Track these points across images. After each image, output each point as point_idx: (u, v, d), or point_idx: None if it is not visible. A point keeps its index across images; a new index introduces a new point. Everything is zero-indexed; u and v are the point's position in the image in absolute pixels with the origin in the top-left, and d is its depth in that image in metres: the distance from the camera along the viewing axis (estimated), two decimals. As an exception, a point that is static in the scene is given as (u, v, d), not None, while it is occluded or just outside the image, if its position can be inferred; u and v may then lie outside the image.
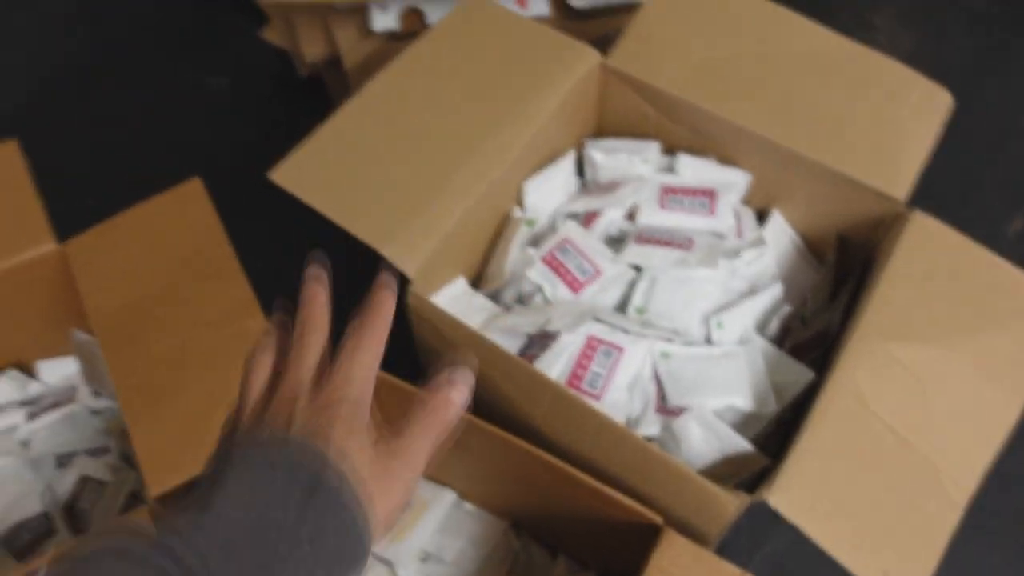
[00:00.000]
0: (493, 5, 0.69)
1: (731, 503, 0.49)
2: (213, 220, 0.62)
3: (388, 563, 0.67)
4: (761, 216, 0.69)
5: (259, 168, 0.58)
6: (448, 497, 0.70)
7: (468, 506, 0.71)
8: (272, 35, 0.98)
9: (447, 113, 0.62)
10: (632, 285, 0.62)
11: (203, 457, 0.53)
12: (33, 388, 0.72)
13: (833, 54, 0.65)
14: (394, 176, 0.60)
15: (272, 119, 0.95)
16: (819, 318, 0.63)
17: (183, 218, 0.63)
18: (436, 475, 0.71)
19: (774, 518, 0.48)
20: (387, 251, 0.56)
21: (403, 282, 0.57)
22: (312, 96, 0.96)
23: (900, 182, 0.60)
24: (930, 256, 0.56)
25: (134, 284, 0.60)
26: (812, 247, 0.68)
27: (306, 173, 0.59)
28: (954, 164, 0.71)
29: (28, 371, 0.73)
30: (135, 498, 0.67)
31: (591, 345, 0.58)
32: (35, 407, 0.71)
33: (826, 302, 0.65)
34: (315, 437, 0.34)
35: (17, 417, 0.70)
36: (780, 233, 0.67)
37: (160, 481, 0.53)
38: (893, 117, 0.62)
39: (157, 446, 0.54)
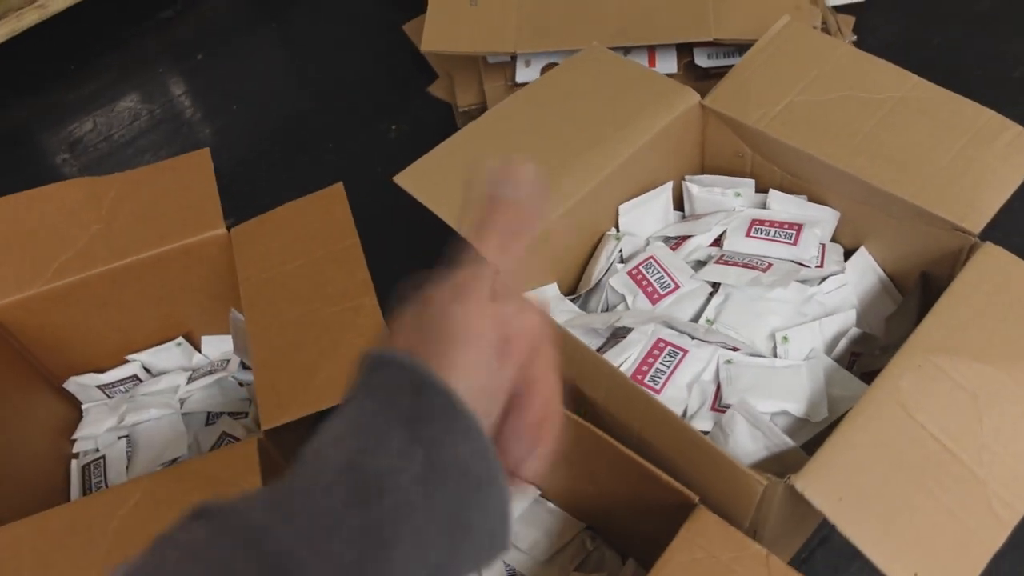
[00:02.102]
0: (610, 52, 0.78)
1: (759, 484, 0.52)
2: (347, 217, 0.73)
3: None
4: (849, 255, 0.72)
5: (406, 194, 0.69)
6: (531, 492, 0.75)
7: (549, 504, 0.76)
8: (438, 90, 1.12)
9: (551, 135, 0.71)
10: (708, 300, 0.67)
11: (308, 402, 0.63)
12: (196, 359, 0.86)
13: (922, 99, 0.68)
14: (499, 185, 0.68)
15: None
16: (894, 349, 0.64)
17: (325, 214, 0.74)
18: (520, 470, 0.76)
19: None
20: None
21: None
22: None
23: (977, 217, 0.61)
24: (993, 281, 0.57)
25: (277, 262, 0.72)
26: (898, 284, 0.70)
27: (424, 178, 0.69)
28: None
29: (194, 342, 0.86)
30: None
31: (658, 346, 0.63)
32: (195, 374, 0.84)
33: (904, 338, 0.66)
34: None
35: (180, 379, 0.83)
36: (864, 268, 0.69)
37: (272, 418, 0.63)
38: (978, 158, 0.64)
39: (273, 390, 0.64)
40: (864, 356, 0.65)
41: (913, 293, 0.67)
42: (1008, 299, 0.57)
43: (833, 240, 0.72)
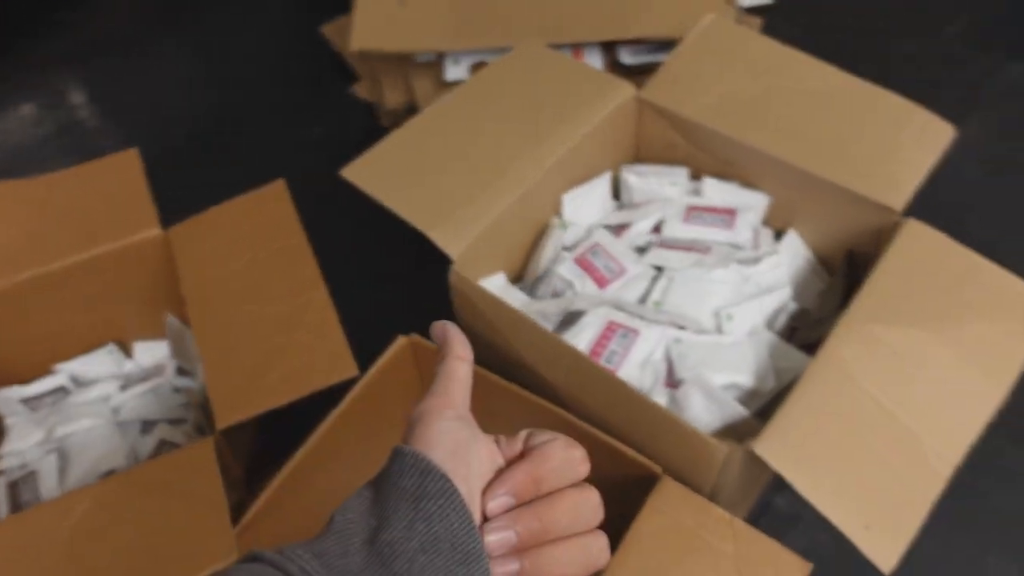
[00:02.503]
0: (546, 48, 0.80)
1: (720, 451, 0.54)
2: (290, 212, 0.72)
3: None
4: (779, 236, 0.76)
5: (340, 190, 0.69)
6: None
7: (500, 493, 0.77)
8: (361, 91, 1.12)
9: (494, 130, 0.72)
10: (653, 282, 0.69)
11: (263, 399, 0.62)
12: (127, 366, 0.83)
13: (846, 91, 0.73)
14: (443, 177, 0.69)
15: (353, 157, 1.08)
16: (826, 323, 0.68)
17: (267, 211, 0.73)
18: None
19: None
20: (434, 235, 0.65)
21: (446, 263, 0.65)
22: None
23: (899, 196, 0.66)
24: (919, 254, 0.62)
25: (221, 261, 0.71)
26: (825, 264, 0.74)
27: (370, 172, 0.69)
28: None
29: (126, 348, 0.83)
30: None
31: (611, 328, 0.65)
32: (127, 382, 0.81)
33: (835, 311, 0.70)
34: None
35: (111, 388, 0.80)
36: (795, 248, 0.73)
37: (226, 417, 0.62)
38: (897, 143, 0.69)
39: (226, 389, 0.63)
40: (801, 330, 0.68)
41: (841, 270, 0.71)
42: (932, 269, 0.61)
43: (764, 224, 0.76)
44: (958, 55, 1.14)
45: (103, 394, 0.80)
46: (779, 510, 0.74)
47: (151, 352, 0.83)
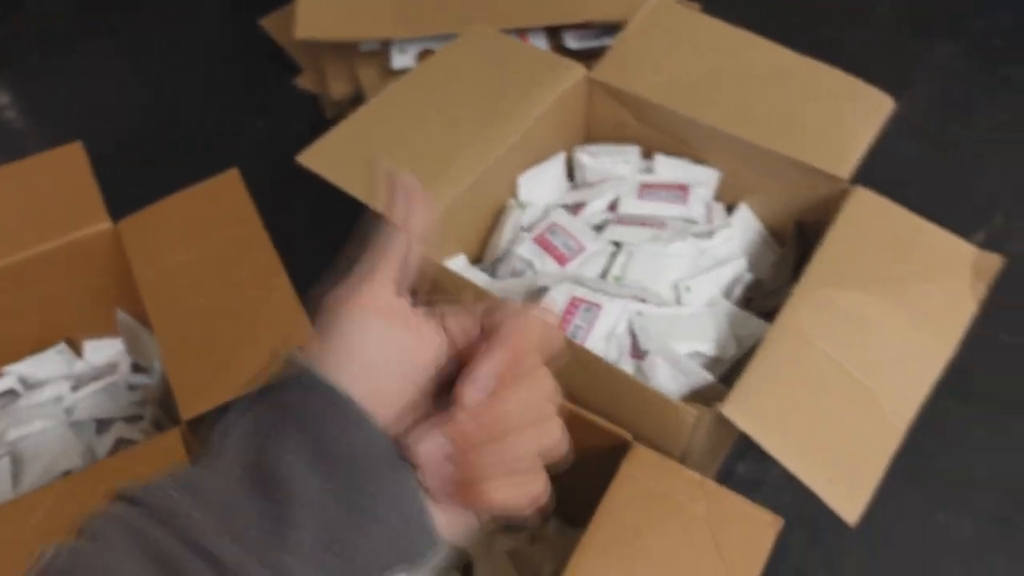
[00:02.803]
0: (495, 32, 0.80)
1: (690, 414, 0.55)
2: (245, 200, 0.71)
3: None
4: (730, 210, 0.77)
5: (288, 184, 0.68)
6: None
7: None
8: (305, 82, 1.11)
9: (447, 114, 0.72)
10: (612, 258, 0.71)
11: (229, 388, 0.61)
12: (78, 366, 0.81)
13: (789, 67, 0.75)
14: (400, 162, 0.69)
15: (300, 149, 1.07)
16: (781, 291, 0.71)
17: (221, 200, 0.72)
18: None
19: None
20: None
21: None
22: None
23: (845, 165, 0.68)
24: (868, 220, 0.64)
25: (176, 252, 0.69)
26: (775, 235, 0.76)
27: (325, 158, 0.69)
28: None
29: (76, 347, 0.81)
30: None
31: (574, 303, 0.66)
32: (78, 381, 0.79)
33: (788, 280, 0.72)
34: None
35: (63, 388, 0.78)
36: (746, 223, 0.75)
37: (192, 407, 0.61)
38: (840, 115, 0.71)
39: (190, 380, 0.62)
40: (756, 299, 0.70)
41: (791, 240, 0.74)
42: (880, 234, 0.64)
43: (715, 198, 0.77)
44: (887, 37, 1.18)
45: (55, 395, 0.77)
46: (741, 476, 0.76)
47: (102, 350, 0.81)
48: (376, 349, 0.31)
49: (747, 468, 0.76)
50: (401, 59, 0.97)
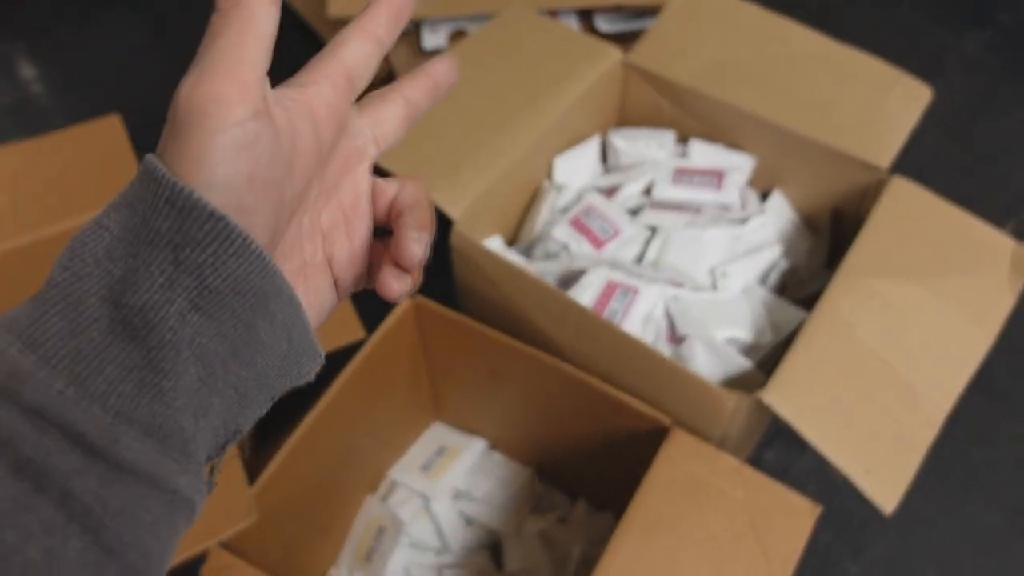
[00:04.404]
0: (532, 14, 0.80)
1: (729, 400, 0.56)
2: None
3: (423, 496, 0.74)
4: (764, 197, 0.77)
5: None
6: (479, 445, 0.77)
7: (497, 455, 0.78)
8: (331, 60, 1.10)
9: (484, 96, 0.72)
10: (647, 243, 0.71)
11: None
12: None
13: (826, 54, 0.75)
14: (439, 141, 0.69)
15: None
16: (815, 279, 0.71)
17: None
18: (469, 424, 0.78)
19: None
20: (435, 196, 0.65)
21: (447, 224, 0.66)
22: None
23: (884, 154, 0.68)
24: (908, 211, 0.64)
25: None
26: (809, 223, 0.76)
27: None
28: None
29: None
30: None
31: (610, 287, 0.66)
32: None
33: (822, 268, 0.73)
34: None
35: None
36: (780, 209, 0.75)
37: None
38: (878, 104, 0.71)
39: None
40: (791, 287, 0.71)
41: (826, 229, 0.74)
42: (919, 224, 0.64)
43: (749, 185, 0.77)
44: (918, 26, 1.17)
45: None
46: (769, 464, 0.76)
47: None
48: (255, 157, 0.25)
49: (774, 455, 0.77)
50: (432, 38, 0.96)
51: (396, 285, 0.31)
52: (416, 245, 0.31)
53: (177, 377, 0.24)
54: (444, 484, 0.74)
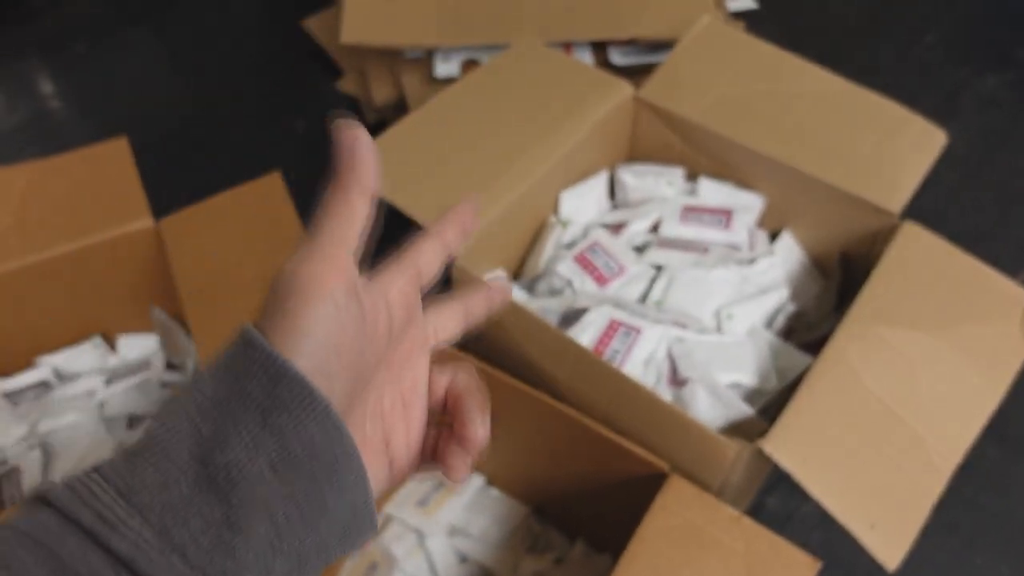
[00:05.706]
0: (543, 46, 0.79)
1: (730, 448, 0.54)
2: (287, 204, 0.71)
3: (418, 532, 0.73)
4: (773, 237, 0.76)
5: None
6: (476, 481, 0.76)
7: (494, 491, 0.77)
8: (347, 85, 1.11)
9: (493, 128, 0.72)
10: (653, 282, 0.70)
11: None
12: (111, 361, 0.81)
13: (840, 95, 0.74)
14: (444, 173, 0.69)
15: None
16: (823, 324, 0.70)
17: (262, 203, 0.72)
18: (466, 458, 0.77)
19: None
20: (438, 230, 0.64)
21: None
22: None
23: (896, 199, 0.67)
24: (918, 257, 0.63)
25: (218, 254, 0.69)
26: (818, 265, 0.75)
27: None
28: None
29: (110, 341, 0.81)
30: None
31: (612, 327, 0.65)
32: (112, 376, 0.79)
33: (830, 312, 0.71)
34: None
35: (96, 382, 0.78)
36: (789, 251, 0.74)
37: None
38: (892, 147, 0.70)
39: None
40: (798, 331, 0.69)
41: (835, 272, 0.73)
42: (931, 271, 0.63)
43: (758, 225, 0.76)
44: (935, 64, 1.16)
45: (88, 388, 0.78)
46: (771, 510, 0.75)
47: (135, 346, 0.82)
48: (340, 329, 0.28)
49: (777, 502, 0.75)
50: (444, 67, 0.96)
51: (462, 466, 0.34)
52: (482, 429, 0.34)
53: (249, 536, 0.26)
54: (440, 520, 0.73)
